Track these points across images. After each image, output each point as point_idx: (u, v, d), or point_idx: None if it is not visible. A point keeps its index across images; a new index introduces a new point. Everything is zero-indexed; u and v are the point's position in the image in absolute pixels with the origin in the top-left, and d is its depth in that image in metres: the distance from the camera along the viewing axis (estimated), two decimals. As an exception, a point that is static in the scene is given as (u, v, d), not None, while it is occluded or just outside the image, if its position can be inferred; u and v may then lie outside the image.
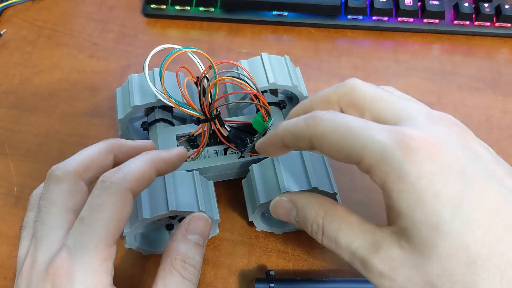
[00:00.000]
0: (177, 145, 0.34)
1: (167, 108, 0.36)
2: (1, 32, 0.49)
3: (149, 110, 0.36)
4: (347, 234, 0.23)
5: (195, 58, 0.31)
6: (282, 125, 0.25)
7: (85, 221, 0.23)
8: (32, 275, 0.23)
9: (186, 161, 0.34)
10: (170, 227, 0.33)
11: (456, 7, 0.48)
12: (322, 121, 0.23)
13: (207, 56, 0.30)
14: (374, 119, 0.24)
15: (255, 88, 0.32)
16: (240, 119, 0.35)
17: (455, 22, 0.48)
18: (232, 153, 0.34)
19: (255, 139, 0.33)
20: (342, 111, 0.25)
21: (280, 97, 0.39)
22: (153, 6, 0.50)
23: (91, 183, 0.26)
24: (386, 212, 0.22)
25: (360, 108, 0.24)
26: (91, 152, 0.26)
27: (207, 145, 0.34)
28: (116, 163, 0.27)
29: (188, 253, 0.26)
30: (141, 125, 0.36)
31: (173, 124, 0.36)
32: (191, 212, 0.29)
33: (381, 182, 0.21)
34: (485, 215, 0.19)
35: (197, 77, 0.31)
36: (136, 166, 0.25)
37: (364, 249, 0.22)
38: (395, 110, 0.23)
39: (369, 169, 0.21)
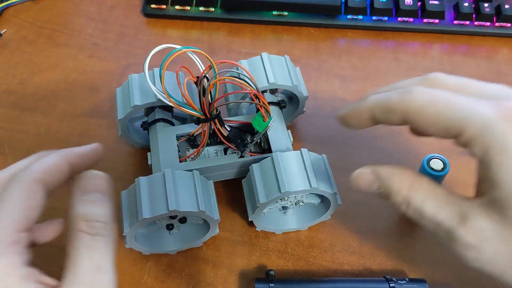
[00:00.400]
0: (177, 145, 0.34)
1: (167, 108, 0.36)
2: (1, 32, 0.49)
3: (149, 110, 0.36)
4: (433, 205, 0.23)
5: (195, 58, 0.31)
6: (374, 97, 0.25)
7: None
8: None
9: (186, 160, 0.34)
10: (170, 227, 0.33)
11: (456, 7, 0.48)
12: (420, 94, 0.23)
13: (207, 56, 0.30)
14: None
15: (255, 88, 0.32)
16: (240, 119, 0.35)
17: (455, 22, 0.48)
18: (232, 153, 0.34)
19: (255, 139, 0.33)
20: None
21: (280, 97, 0.39)
22: (153, 6, 0.50)
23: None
24: (477, 183, 0.22)
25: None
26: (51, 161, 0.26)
27: (207, 145, 0.34)
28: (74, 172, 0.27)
29: (88, 211, 0.25)
30: (141, 125, 0.36)
31: (173, 124, 0.36)
32: (191, 212, 0.29)
33: (481, 153, 0.21)
34: None
35: (197, 77, 0.31)
36: (46, 159, 0.25)
37: (450, 220, 0.22)
38: (490, 90, 0.24)
39: (470, 141, 0.21)
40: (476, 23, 0.48)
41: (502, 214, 0.20)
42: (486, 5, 0.48)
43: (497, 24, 0.48)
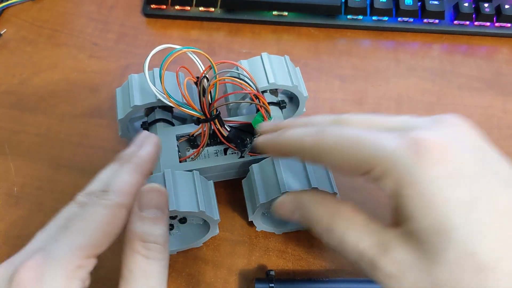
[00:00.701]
0: (177, 145, 0.34)
1: (167, 108, 0.36)
2: (1, 32, 0.49)
3: (149, 110, 0.36)
4: (354, 234, 0.23)
5: (195, 58, 0.31)
6: (291, 132, 0.25)
7: (68, 228, 0.23)
8: (3, 276, 0.22)
9: (186, 161, 0.34)
10: (170, 227, 0.33)
11: (456, 7, 0.48)
12: (331, 133, 0.23)
13: (207, 56, 0.30)
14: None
15: (255, 88, 0.32)
16: (240, 119, 0.35)
17: (455, 22, 0.48)
18: (232, 153, 0.34)
19: (255, 139, 0.33)
20: None
21: (280, 97, 0.39)
22: (153, 6, 0.50)
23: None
24: (393, 213, 0.22)
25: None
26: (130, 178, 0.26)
27: (207, 145, 0.34)
28: None
29: (146, 231, 0.24)
30: (141, 125, 0.36)
31: (173, 124, 0.36)
32: (191, 212, 0.29)
33: (391, 189, 0.21)
34: (496, 219, 0.19)
35: (197, 77, 0.31)
36: (126, 178, 0.25)
37: (371, 250, 0.22)
38: (397, 122, 0.23)
39: (380, 177, 0.21)
40: (476, 23, 0.48)
41: (418, 246, 0.20)
42: (486, 5, 0.48)
43: (497, 24, 0.48)
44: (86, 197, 0.24)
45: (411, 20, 0.48)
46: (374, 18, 0.49)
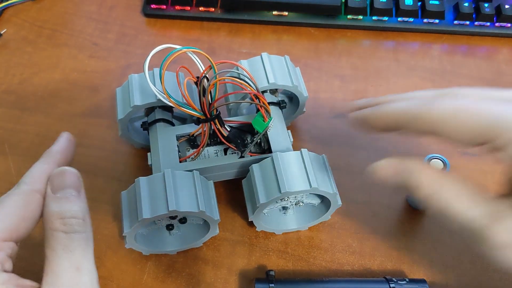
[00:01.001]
0: (177, 145, 0.34)
1: (167, 108, 0.36)
2: (1, 32, 0.49)
3: (149, 110, 0.36)
4: (464, 202, 0.22)
5: (195, 58, 0.31)
6: (399, 105, 0.25)
7: None
8: None
9: (186, 161, 0.34)
10: (170, 227, 0.33)
11: (456, 7, 0.48)
12: (447, 104, 0.23)
13: (207, 56, 0.30)
14: None
15: (255, 88, 0.32)
16: (240, 119, 0.35)
17: (455, 22, 0.48)
18: (232, 153, 0.34)
19: (255, 139, 0.33)
20: None
21: (280, 97, 0.39)
22: (153, 6, 0.50)
23: None
24: (507, 183, 0.22)
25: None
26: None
27: (207, 145, 0.34)
28: None
29: (62, 208, 0.24)
30: (141, 125, 0.36)
31: (173, 124, 0.36)
32: (191, 212, 0.29)
33: None
34: None
35: (197, 77, 0.31)
36: (34, 169, 0.26)
37: (482, 219, 0.21)
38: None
39: (504, 146, 0.21)
40: (476, 23, 0.48)
41: None
42: (486, 5, 0.48)
43: (497, 24, 0.48)
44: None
45: (411, 20, 0.48)
46: (374, 18, 0.49)
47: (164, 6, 0.49)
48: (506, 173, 0.22)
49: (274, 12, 0.49)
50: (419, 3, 0.49)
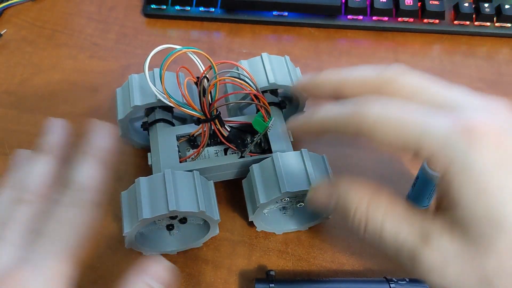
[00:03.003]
0: (177, 145, 0.34)
1: (167, 108, 0.36)
2: (2, 32, 0.49)
3: (149, 110, 0.36)
4: (393, 224, 0.21)
5: (195, 58, 0.31)
6: (324, 111, 0.24)
7: (44, 234, 0.22)
8: None
9: (186, 161, 0.34)
10: (170, 227, 0.33)
11: (456, 7, 0.48)
12: (374, 109, 0.22)
13: (207, 56, 0.30)
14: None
15: (255, 88, 0.32)
16: (240, 119, 0.35)
17: (455, 22, 0.48)
18: (232, 153, 0.34)
19: (255, 139, 0.33)
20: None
21: (280, 97, 0.39)
22: (153, 6, 0.50)
23: None
24: (438, 200, 0.21)
25: (407, 97, 0.23)
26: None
27: (207, 145, 0.34)
28: None
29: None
30: (141, 125, 0.36)
31: (173, 124, 0.36)
32: (191, 212, 0.29)
33: (441, 171, 0.20)
34: None
35: (197, 77, 0.31)
36: (92, 172, 0.24)
37: (412, 240, 0.21)
38: (447, 97, 0.22)
39: (429, 157, 0.20)
40: (476, 23, 0.48)
41: (465, 234, 0.19)
42: (486, 5, 0.48)
43: (497, 24, 0.48)
44: (53, 193, 0.23)
45: (411, 20, 0.48)
46: (374, 18, 0.49)
47: (164, 6, 0.49)
48: (438, 188, 0.21)
49: (274, 12, 0.49)
50: (419, 4, 0.49)
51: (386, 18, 0.48)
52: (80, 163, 0.24)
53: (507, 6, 0.48)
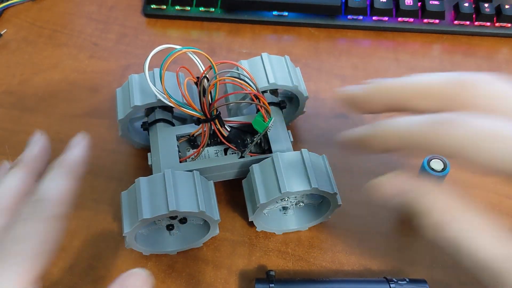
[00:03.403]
0: (177, 145, 0.34)
1: (167, 108, 0.36)
2: (2, 32, 0.49)
3: (149, 110, 0.36)
4: (487, 238, 0.20)
5: (195, 58, 0.31)
6: (404, 125, 0.22)
7: (7, 250, 0.21)
8: None
9: (186, 161, 0.34)
10: (170, 227, 0.33)
11: (456, 7, 0.48)
12: (461, 128, 0.20)
13: (207, 56, 0.30)
14: None
15: (255, 88, 0.32)
16: (240, 119, 0.35)
17: (455, 22, 0.48)
18: (232, 153, 0.34)
19: (255, 139, 0.33)
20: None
21: (280, 97, 0.39)
22: (153, 6, 0.50)
23: None
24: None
25: (490, 105, 0.21)
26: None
27: (207, 145, 0.34)
28: None
29: None
30: (141, 125, 0.36)
31: (173, 124, 0.36)
32: (191, 212, 0.29)
33: None
34: None
35: (197, 77, 0.31)
36: (58, 185, 0.23)
37: (500, 262, 0.19)
38: None
39: None
40: (476, 23, 0.48)
41: None
42: (486, 5, 0.48)
43: (497, 24, 0.48)
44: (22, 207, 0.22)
45: (411, 20, 0.48)
46: (374, 18, 0.49)
47: (164, 6, 0.49)
48: None
49: (274, 12, 0.49)
50: (419, 3, 0.49)
51: (386, 18, 0.48)
52: (47, 175, 0.24)
53: (507, 6, 0.48)
